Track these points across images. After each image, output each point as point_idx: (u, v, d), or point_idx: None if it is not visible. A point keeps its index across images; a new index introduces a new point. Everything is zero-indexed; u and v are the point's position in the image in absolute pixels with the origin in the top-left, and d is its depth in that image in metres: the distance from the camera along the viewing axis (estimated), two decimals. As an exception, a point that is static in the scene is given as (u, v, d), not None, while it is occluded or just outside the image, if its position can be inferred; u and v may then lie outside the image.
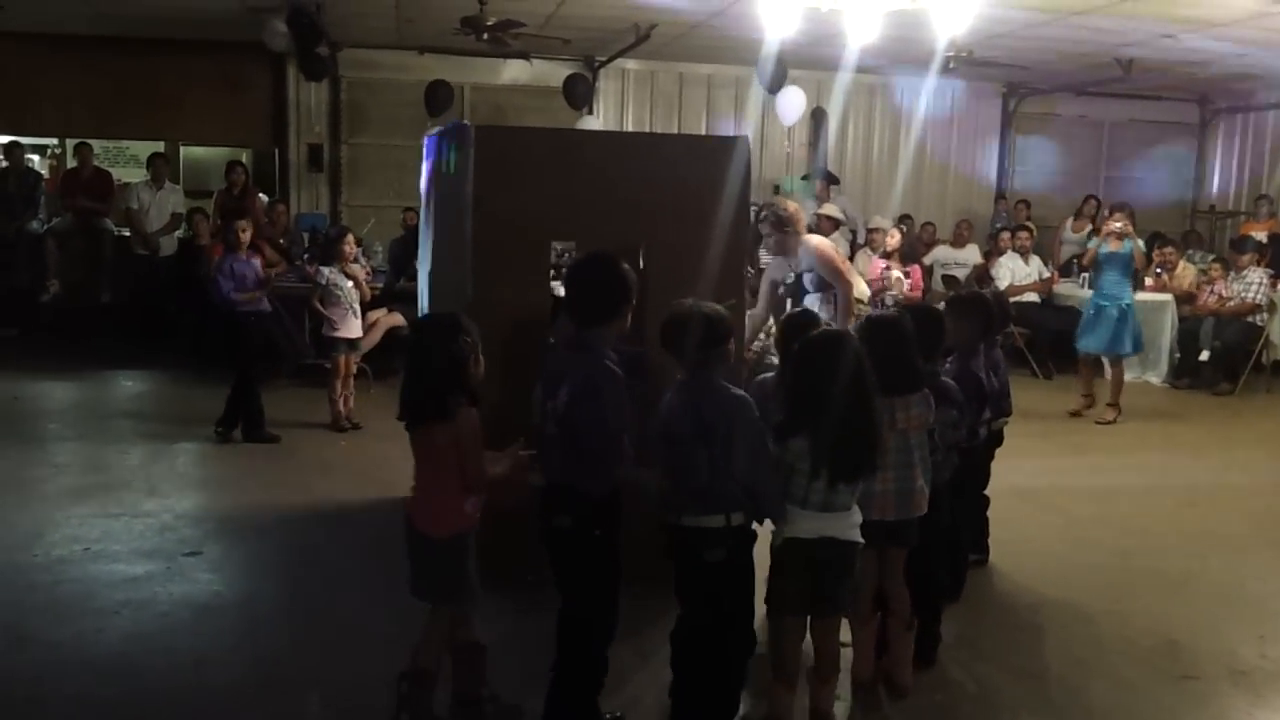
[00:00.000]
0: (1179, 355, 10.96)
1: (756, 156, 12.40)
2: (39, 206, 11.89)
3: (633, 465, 3.56)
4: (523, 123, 11.65)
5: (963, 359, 4.91)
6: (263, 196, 12.00)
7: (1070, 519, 6.44)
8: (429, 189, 6.00)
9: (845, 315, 6.15)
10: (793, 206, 6.83)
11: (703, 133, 12.59)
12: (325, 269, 8.08)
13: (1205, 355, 10.71)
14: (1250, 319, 10.72)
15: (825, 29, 9.38)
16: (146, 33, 11.44)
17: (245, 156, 13.51)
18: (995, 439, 5.39)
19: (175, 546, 5.47)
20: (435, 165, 5.78)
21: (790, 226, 6.47)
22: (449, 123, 5.40)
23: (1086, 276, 11.52)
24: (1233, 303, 10.81)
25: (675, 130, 12.79)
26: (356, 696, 4.03)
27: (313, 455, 7.25)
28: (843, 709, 4.00)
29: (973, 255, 12.22)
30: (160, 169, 11.58)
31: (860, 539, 3.71)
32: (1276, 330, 10.86)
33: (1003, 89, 13.97)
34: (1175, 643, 4.72)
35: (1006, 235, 11.85)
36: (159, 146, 12.61)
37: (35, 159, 13.21)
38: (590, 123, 12.09)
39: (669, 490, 3.53)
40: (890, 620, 4.22)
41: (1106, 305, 9.11)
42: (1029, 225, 12.19)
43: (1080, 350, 9.56)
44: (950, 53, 10.35)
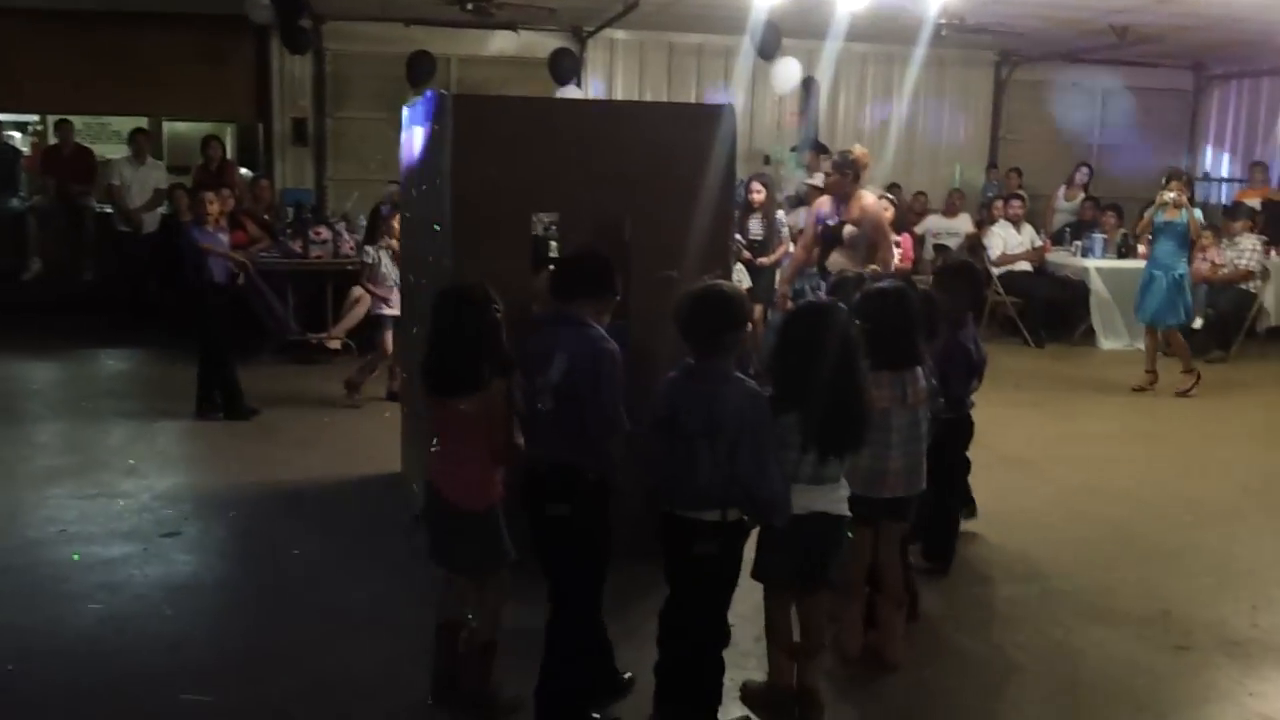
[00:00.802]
0: (1171, 323, 10.87)
1: (746, 126, 12.28)
2: (19, 184, 11.73)
3: (627, 440, 3.49)
4: (511, 94, 11.48)
5: (952, 330, 4.84)
6: (246, 172, 11.87)
7: (1062, 489, 6.38)
8: (409, 161, 5.90)
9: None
10: (860, 151, 6.92)
11: (692, 103, 12.43)
12: (370, 248, 7.95)
13: (1199, 323, 10.63)
14: (1244, 286, 10.66)
15: (814, -5, 9.26)
16: (127, 6, 11.27)
17: (229, 131, 13.38)
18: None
19: (153, 527, 5.38)
20: (416, 136, 5.67)
21: (851, 171, 6.60)
22: (426, 93, 5.27)
23: (1079, 245, 11.48)
24: (1226, 270, 10.74)
25: (665, 100, 12.63)
26: (336, 677, 3.96)
27: (295, 433, 7.16)
28: (833, 684, 3.93)
29: (964, 224, 12.14)
30: (142, 145, 11.43)
31: (848, 512, 3.64)
32: (1270, 297, 10.79)
33: (995, 57, 13.82)
34: (1168, 613, 4.66)
35: (999, 204, 11.75)
36: (141, 122, 12.46)
37: (16, 136, 13.06)
38: (570, 92, 11.91)
39: (663, 478, 3.42)
40: (881, 598, 4.17)
41: (1159, 275, 8.94)
42: (1021, 194, 12.09)
43: (1140, 321, 9.46)
44: (942, 20, 10.25)
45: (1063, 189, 13.10)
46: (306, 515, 5.67)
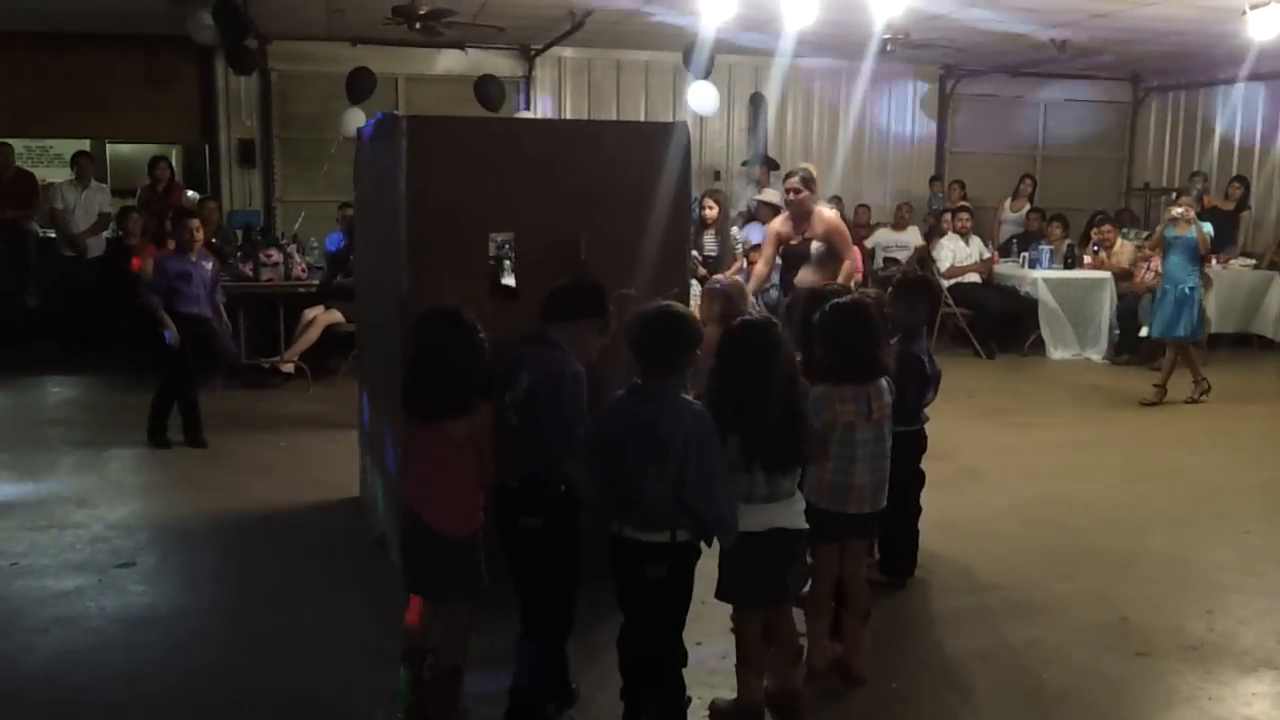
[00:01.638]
0: (1118, 332, 11.07)
1: (697, 142, 12.33)
2: (-42, 209, 11.50)
3: (579, 462, 3.48)
4: (460, 114, 11.45)
5: (905, 341, 4.88)
6: (191, 194, 11.73)
7: (1018, 499, 6.45)
8: (362, 182, 5.86)
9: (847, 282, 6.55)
10: (813, 168, 7.18)
11: (646, 121, 12.49)
12: None
13: (1144, 331, 10.81)
14: (1187, 294, 10.83)
15: (762, 14, 9.34)
16: (68, 27, 11.10)
17: (174, 153, 13.21)
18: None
19: (107, 558, 5.28)
20: (368, 158, 5.64)
21: (814, 188, 6.88)
22: (378, 114, 5.25)
23: (1026, 256, 11.65)
24: (1169, 279, 10.91)
25: (614, 118, 12.68)
26: (300, 705, 3.90)
27: (249, 458, 7.06)
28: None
29: (914, 237, 12.27)
30: (85, 168, 11.26)
31: (805, 525, 3.66)
32: (1212, 305, 11.00)
33: (940, 71, 14.03)
34: (1126, 620, 4.72)
35: (948, 217, 11.90)
36: (84, 145, 12.28)
37: (-46, 160, 12.78)
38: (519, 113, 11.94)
39: (609, 499, 3.41)
40: (846, 612, 4.19)
41: (1170, 289, 9.02)
42: (967, 206, 12.25)
43: (1153, 337, 9.55)
44: (887, 35, 10.37)
45: (1008, 201, 13.30)
46: (264, 541, 5.59)
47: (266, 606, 4.80)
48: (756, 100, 13.34)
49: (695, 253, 8.85)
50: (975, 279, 11.50)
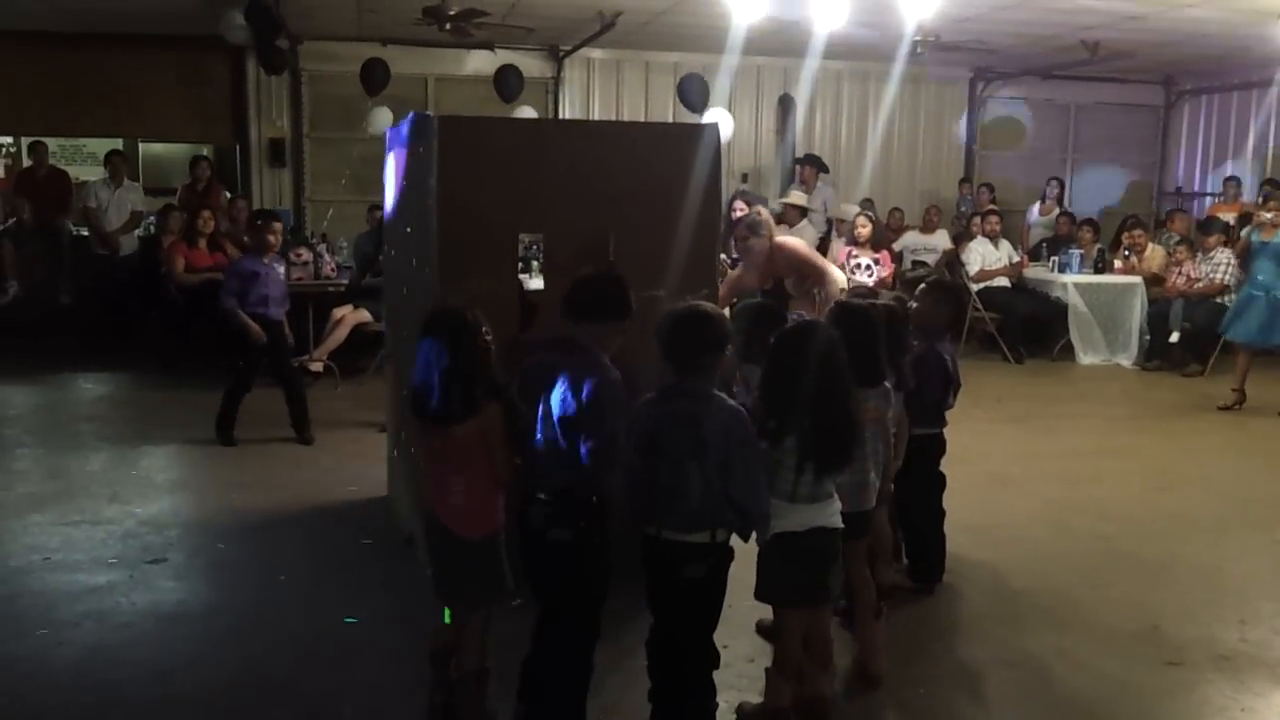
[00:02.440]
0: (1149, 337, 10.98)
1: (725, 145, 12.33)
2: (-7, 207, 11.65)
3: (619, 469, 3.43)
4: (489, 114, 11.48)
5: (929, 340, 4.86)
6: (224, 193, 11.81)
7: (1048, 504, 6.41)
8: (392, 182, 5.89)
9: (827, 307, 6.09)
10: (766, 215, 6.81)
11: (670, 121, 12.49)
12: None
13: (1175, 337, 10.74)
14: (1218, 299, 10.75)
15: (792, 14, 9.32)
16: (102, 27, 11.22)
17: (206, 152, 13.31)
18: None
19: (138, 554, 5.32)
20: (398, 158, 5.66)
21: (767, 233, 6.41)
22: (410, 114, 5.27)
23: (1056, 260, 11.56)
24: (1201, 284, 10.84)
25: (643, 119, 12.69)
26: (329, 704, 3.92)
27: (278, 457, 7.10)
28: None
29: (942, 240, 12.21)
30: (118, 166, 11.36)
31: (842, 524, 3.66)
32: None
33: (970, 73, 13.96)
34: (1157, 628, 4.68)
35: (977, 220, 11.83)
36: (117, 143, 12.39)
37: (-10, 158, 12.98)
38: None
39: (648, 503, 3.39)
40: (858, 611, 4.17)
41: (1259, 296, 8.92)
42: (996, 209, 12.18)
43: (1229, 338, 9.42)
44: (918, 37, 10.33)
45: (1037, 205, 13.22)
46: (293, 539, 5.62)
47: (295, 604, 4.82)
48: (785, 102, 13.32)
49: (723, 255, 8.83)
50: (1004, 283, 11.43)
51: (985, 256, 11.47)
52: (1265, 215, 8.93)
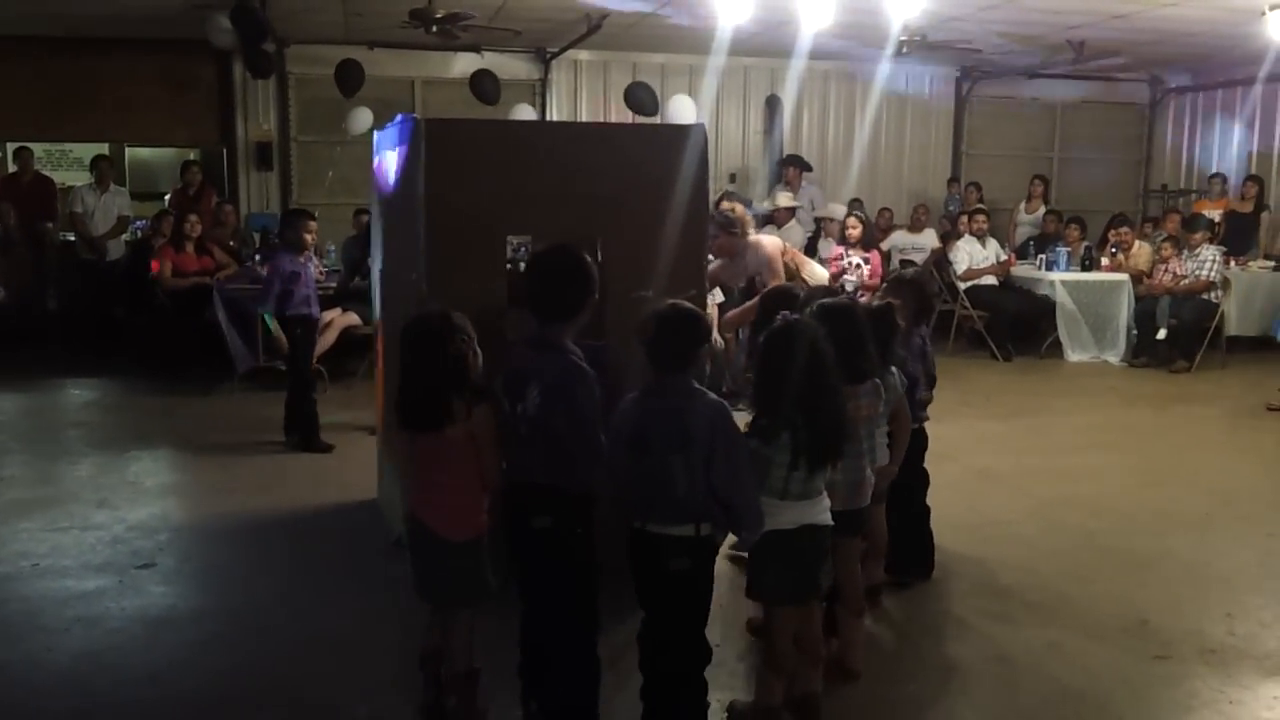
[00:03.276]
0: (1136, 334, 11.02)
1: (712, 145, 12.35)
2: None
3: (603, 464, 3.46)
4: (477, 116, 11.48)
5: (904, 335, 4.87)
6: (215, 197, 11.79)
7: (1037, 501, 6.43)
8: (379, 185, 5.88)
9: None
10: (740, 211, 6.82)
11: (663, 123, 12.51)
12: None
13: (1162, 333, 10.77)
14: (1205, 296, 10.80)
15: (778, 15, 9.34)
16: (87, 31, 11.19)
17: (193, 156, 13.28)
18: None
19: (127, 559, 5.31)
20: (385, 161, 5.66)
21: (739, 229, 6.42)
22: (398, 117, 5.27)
23: (1044, 258, 11.61)
24: (1187, 281, 10.88)
25: (629, 121, 12.69)
26: (319, 707, 3.92)
27: (267, 460, 7.09)
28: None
29: (930, 239, 12.24)
30: (105, 171, 11.33)
31: (832, 521, 3.67)
32: (1232, 306, 10.95)
33: (956, 72, 14.00)
34: (1146, 623, 4.70)
35: (964, 219, 11.86)
36: (103, 148, 12.36)
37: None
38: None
39: (635, 497, 3.41)
40: (840, 609, 4.19)
41: None
42: (983, 208, 12.22)
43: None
44: (904, 37, 10.36)
45: (1023, 203, 13.28)
46: (283, 543, 5.62)
47: (285, 607, 4.82)
48: (772, 102, 13.36)
49: (711, 255, 8.83)
50: (992, 281, 11.46)
51: (973, 255, 11.49)
52: None
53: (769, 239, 6.97)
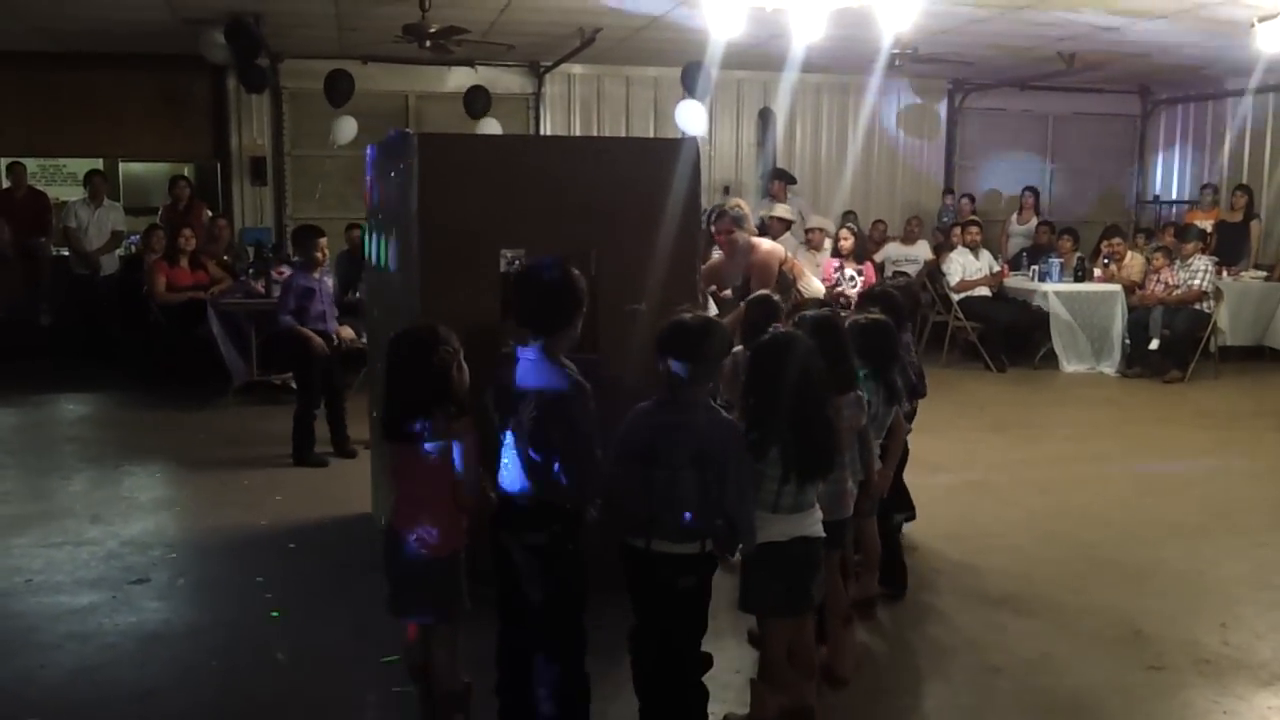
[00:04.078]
0: (1129, 344, 11.04)
1: (706, 157, 12.38)
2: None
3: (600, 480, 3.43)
4: (472, 131, 11.52)
5: None
6: (206, 211, 11.80)
7: (1030, 512, 6.44)
8: (373, 200, 5.90)
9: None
10: (747, 209, 6.85)
11: (650, 136, 12.55)
12: None
13: (1155, 344, 10.80)
14: (1197, 306, 10.84)
15: (770, 29, 9.38)
16: (81, 47, 11.21)
17: (187, 171, 13.29)
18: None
19: (121, 575, 5.30)
20: (379, 175, 5.67)
21: (745, 224, 6.50)
22: (391, 131, 5.29)
23: (1037, 269, 11.65)
24: (1179, 291, 10.92)
25: (623, 134, 12.74)
26: (312, 724, 3.92)
27: (261, 475, 7.07)
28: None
29: (923, 251, 12.28)
30: (98, 186, 11.34)
31: (823, 532, 3.68)
32: (1224, 317, 10.98)
33: (948, 85, 14.05)
34: (1140, 633, 4.71)
35: (958, 230, 11.90)
36: (97, 163, 12.36)
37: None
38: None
39: (638, 512, 3.38)
40: (828, 616, 4.20)
41: None
42: (976, 219, 12.26)
43: None
44: (895, 50, 10.41)
45: (1015, 214, 13.33)
46: (277, 557, 5.60)
47: (280, 623, 4.80)
48: (765, 115, 13.39)
49: (718, 249, 8.82)
50: (985, 292, 11.49)
51: (966, 266, 11.53)
52: None
53: (769, 243, 6.99)
